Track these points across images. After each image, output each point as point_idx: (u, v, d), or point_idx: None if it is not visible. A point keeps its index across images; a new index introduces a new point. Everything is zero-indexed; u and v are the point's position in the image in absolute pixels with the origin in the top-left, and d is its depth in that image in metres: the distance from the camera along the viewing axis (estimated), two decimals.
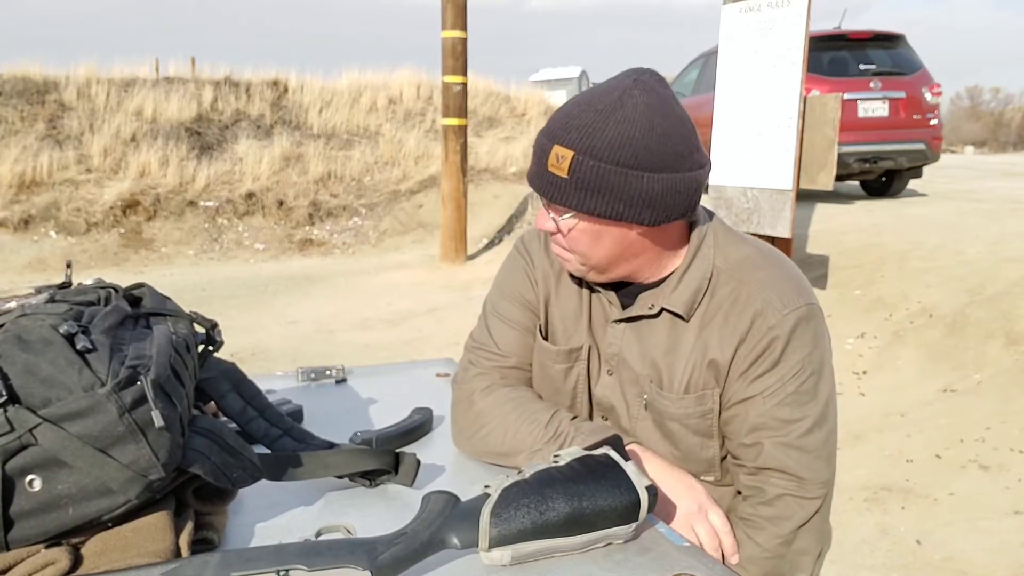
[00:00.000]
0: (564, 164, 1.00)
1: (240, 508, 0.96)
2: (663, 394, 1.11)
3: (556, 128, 1.02)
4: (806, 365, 1.06)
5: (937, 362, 4.16)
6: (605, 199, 1.00)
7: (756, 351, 1.06)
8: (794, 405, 1.06)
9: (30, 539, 0.73)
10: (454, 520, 0.81)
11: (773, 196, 4.25)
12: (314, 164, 10.51)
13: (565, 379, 1.18)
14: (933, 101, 7.36)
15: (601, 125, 0.99)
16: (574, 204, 1.01)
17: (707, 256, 1.11)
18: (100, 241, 8.88)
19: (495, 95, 13.39)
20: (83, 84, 10.62)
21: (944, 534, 2.84)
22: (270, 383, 1.45)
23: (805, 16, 4.01)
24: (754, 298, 1.07)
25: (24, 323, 0.77)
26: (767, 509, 1.08)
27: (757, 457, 1.08)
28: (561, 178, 1.01)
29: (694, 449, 1.12)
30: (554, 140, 1.01)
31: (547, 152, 1.02)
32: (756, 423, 1.07)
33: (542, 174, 1.03)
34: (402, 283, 7.37)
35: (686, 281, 1.09)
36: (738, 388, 1.08)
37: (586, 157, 0.99)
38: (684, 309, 1.09)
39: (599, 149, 0.99)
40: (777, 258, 1.13)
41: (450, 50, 7.57)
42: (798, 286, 1.09)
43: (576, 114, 1.01)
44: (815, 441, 1.07)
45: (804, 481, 1.07)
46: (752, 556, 1.08)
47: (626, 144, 0.98)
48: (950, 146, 27.86)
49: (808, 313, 1.07)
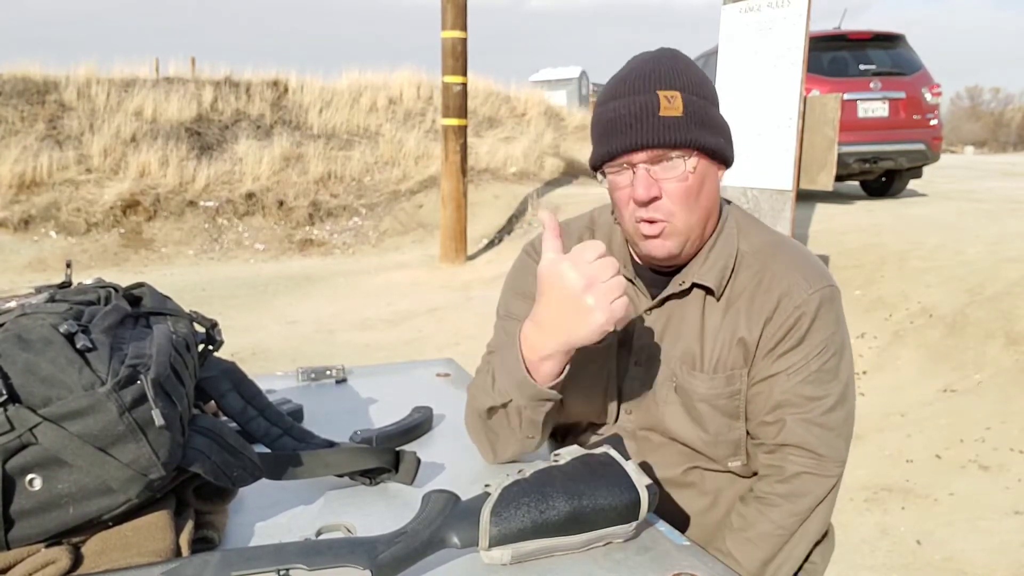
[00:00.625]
0: (677, 103, 1.01)
1: (240, 507, 0.96)
2: (694, 374, 1.11)
3: (641, 82, 1.03)
4: (829, 344, 1.09)
5: (937, 362, 4.16)
6: (715, 134, 1.04)
7: (784, 329, 1.08)
8: (817, 383, 1.08)
9: (30, 538, 0.73)
10: (454, 519, 0.81)
11: (773, 196, 4.25)
12: (314, 164, 10.52)
13: (595, 377, 1.17)
14: (933, 101, 7.36)
15: (682, 69, 1.04)
16: (697, 141, 1.02)
17: (731, 236, 1.13)
18: (100, 241, 8.88)
19: (495, 95, 13.40)
20: (83, 84, 10.62)
21: (944, 534, 2.84)
22: (270, 383, 1.45)
23: (805, 16, 4.01)
24: (780, 278, 1.09)
25: (24, 322, 0.77)
26: (783, 487, 1.09)
27: (778, 434, 1.09)
28: (678, 118, 1.00)
29: (722, 431, 1.12)
30: (653, 87, 1.02)
31: (652, 101, 1.01)
32: (779, 400, 1.09)
33: (654, 124, 1.00)
34: (402, 283, 7.37)
35: (713, 257, 1.11)
36: (763, 366, 1.10)
37: (690, 95, 1.02)
38: (714, 283, 1.10)
39: (696, 87, 1.03)
40: (795, 244, 1.17)
41: (450, 50, 7.58)
42: (820, 268, 1.12)
43: (651, 69, 1.03)
44: (836, 419, 1.09)
45: (823, 459, 1.08)
46: (764, 532, 1.09)
47: (707, 83, 1.05)
48: (950, 146, 27.87)
49: (832, 294, 1.10)
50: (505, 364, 1.02)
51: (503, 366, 1.03)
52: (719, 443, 1.13)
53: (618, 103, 1.03)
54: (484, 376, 1.09)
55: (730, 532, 1.12)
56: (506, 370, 1.02)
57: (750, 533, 1.09)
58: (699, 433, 1.13)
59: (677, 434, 1.14)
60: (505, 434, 1.07)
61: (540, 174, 10.97)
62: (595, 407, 1.19)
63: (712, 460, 1.15)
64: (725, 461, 1.14)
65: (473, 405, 1.10)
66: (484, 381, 1.08)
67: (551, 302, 0.93)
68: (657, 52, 1.08)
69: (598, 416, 1.20)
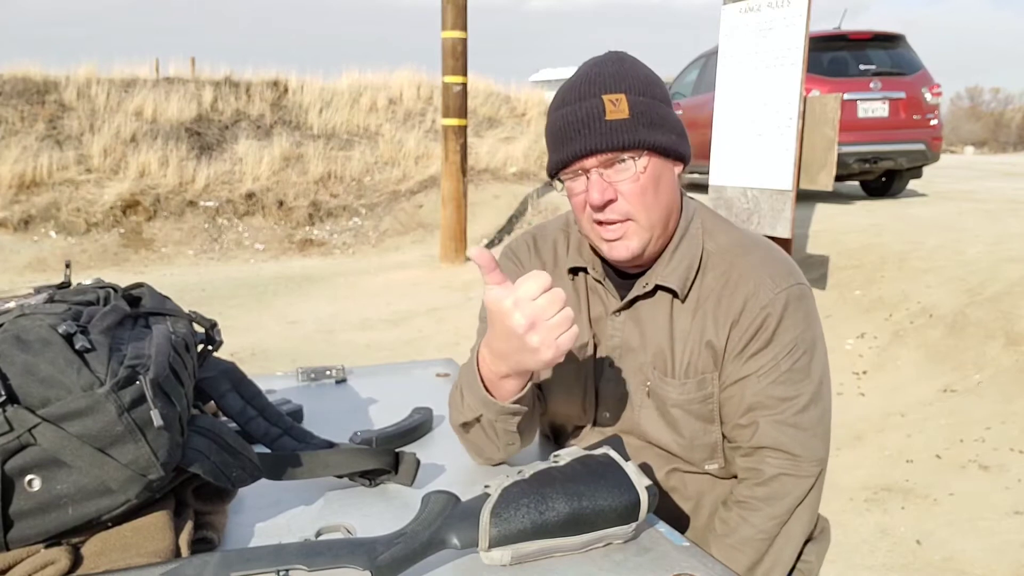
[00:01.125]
0: (622, 105, 1.01)
1: (240, 508, 0.96)
2: (666, 380, 1.11)
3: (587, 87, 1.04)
4: (799, 343, 1.08)
5: (937, 362, 4.16)
6: (665, 132, 1.04)
7: (750, 331, 1.07)
8: (788, 383, 1.08)
9: (30, 539, 0.73)
10: (454, 520, 0.81)
11: (773, 196, 4.25)
12: (314, 164, 10.52)
13: (575, 378, 1.17)
14: (933, 101, 7.36)
15: (627, 71, 1.05)
16: (645, 141, 1.03)
17: (696, 237, 1.13)
18: (100, 241, 8.88)
19: (495, 95, 13.39)
20: (83, 84, 10.62)
21: (944, 534, 2.84)
22: (270, 383, 1.45)
23: (805, 16, 4.01)
24: (746, 279, 1.08)
25: (23, 323, 0.76)
26: (762, 489, 1.09)
27: (752, 436, 1.08)
28: (624, 120, 1.01)
29: (697, 434, 1.12)
30: (598, 92, 1.03)
31: (597, 106, 1.02)
32: (751, 402, 1.08)
33: (601, 129, 1.02)
34: (402, 283, 7.37)
35: (677, 258, 1.11)
36: (733, 369, 1.09)
37: (636, 96, 1.02)
38: (678, 284, 1.10)
39: (642, 87, 1.03)
40: (764, 242, 1.15)
41: (450, 50, 7.57)
42: (788, 267, 1.11)
43: (595, 74, 1.04)
44: (810, 419, 1.09)
45: (799, 459, 1.08)
46: (746, 537, 1.08)
47: (655, 82, 1.05)
48: (950, 146, 27.85)
49: (800, 292, 1.09)
50: (468, 383, 1.04)
51: (467, 385, 1.04)
52: (695, 447, 1.13)
53: (566, 110, 1.04)
54: (455, 392, 1.10)
55: (714, 538, 1.12)
56: (469, 389, 1.03)
57: (733, 539, 1.09)
58: (675, 437, 1.13)
59: (653, 438, 1.14)
60: (485, 443, 1.08)
61: (540, 174, 10.97)
62: (575, 408, 1.19)
63: (690, 463, 1.15)
64: (702, 464, 1.14)
65: (451, 418, 1.12)
66: (455, 398, 1.09)
67: (499, 336, 0.92)
68: (603, 57, 1.09)
69: (579, 417, 1.20)
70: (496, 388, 1.00)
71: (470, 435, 1.08)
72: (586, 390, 1.18)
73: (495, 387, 1.00)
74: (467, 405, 1.04)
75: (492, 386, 1.00)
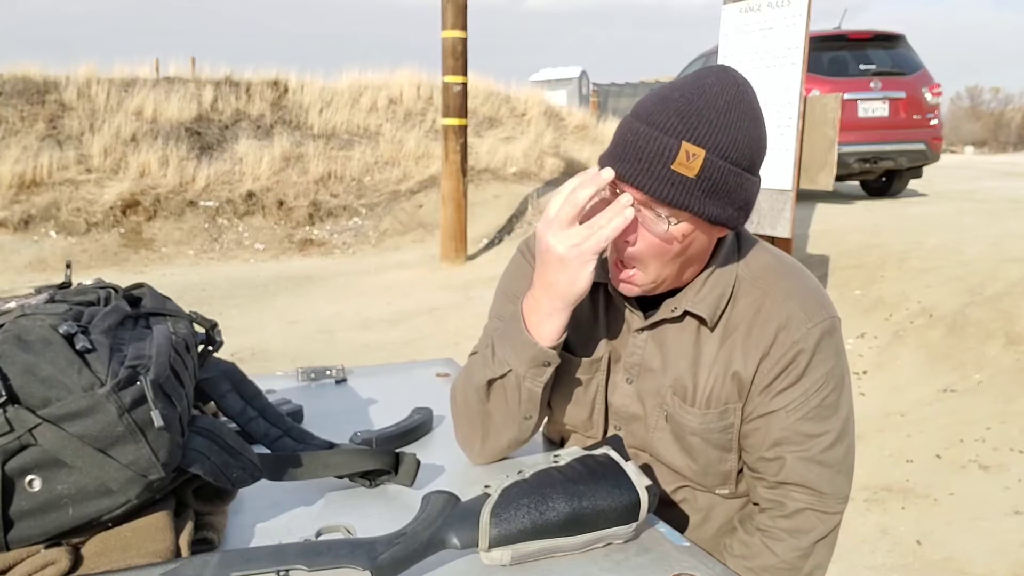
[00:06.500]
0: (695, 163, 0.92)
1: (240, 508, 0.96)
2: (686, 408, 1.08)
3: (678, 122, 0.93)
4: (829, 379, 1.05)
5: (937, 362, 4.16)
6: (723, 203, 0.97)
7: (780, 365, 1.04)
8: (817, 419, 1.05)
9: (30, 539, 0.73)
10: (454, 520, 0.81)
11: (773, 196, 4.25)
12: (314, 164, 10.51)
13: (585, 389, 1.15)
14: (933, 101, 7.37)
15: (727, 123, 0.94)
16: (696, 208, 0.94)
17: (731, 261, 1.08)
18: (100, 241, 8.87)
19: (495, 95, 13.38)
20: (83, 84, 10.62)
21: (944, 534, 2.84)
22: (270, 383, 1.45)
23: (805, 16, 4.01)
24: (778, 310, 1.05)
25: (24, 323, 0.77)
26: (786, 522, 1.07)
27: (779, 471, 1.06)
28: (687, 179, 0.93)
29: (712, 462, 1.10)
30: (682, 136, 0.93)
31: (672, 149, 0.92)
32: (778, 437, 1.05)
33: (661, 173, 0.93)
34: (402, 283, 7.37)
35: (709, 285, 1.07)
36: (760, 402, 1.06)
37: (717, 158, 0.93)
38: (708, 313, 1.05)
39: (728, 149, 0.94)
40: (797, 268, 1.12)
41: (450, 50, 7.57)
42: (820, 298, 1.08)
43: (697, 109, 0.94)
44: (836, 455, 1.06)
45: (825, 496, 1.06)
46: (767, 565, 1.07)
47: (746, 145, 0.96)
48: (950, 146, 27.86)
49: (831, 327, 1.06)
50: (506, 332, 1.05)
51: (503, 336, 1.06)
52: (708, 473, 1.11)
53: (646, 129, 0.95)
54: (483, 351, 1.10)
55: (731, 557, 1.10)
56: (506, 338, 1.05)
57: (753, 563, 1.08)
58: (688, 463, 1.11)
59: (666, 460, 1.12)
60: (501, 415, 1.07)
61: (540, 174, 10.97)
62: (582, 418, 1.17)
63: (701, 486, 1.13)
64: (713, 488, 1.13)
65: (470, 383, 1.10)
66: (483, 355, 1.10)
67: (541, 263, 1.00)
68: (713, 82, 0.96)
69: (585, 428, 1.18)
70: (539, 330, 1.02)
71: (489, 402, 1.07)
72: (595, 402, 1.16)
73: (538, 329, 1.02)
74: (498, 359, 1.05)
75: (533, 329, 1.02)
